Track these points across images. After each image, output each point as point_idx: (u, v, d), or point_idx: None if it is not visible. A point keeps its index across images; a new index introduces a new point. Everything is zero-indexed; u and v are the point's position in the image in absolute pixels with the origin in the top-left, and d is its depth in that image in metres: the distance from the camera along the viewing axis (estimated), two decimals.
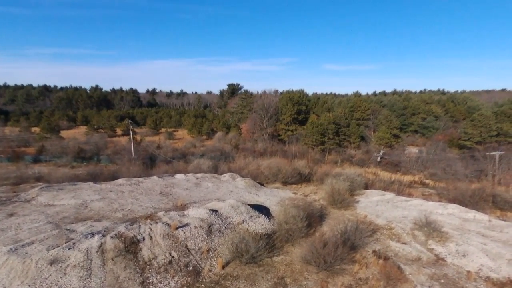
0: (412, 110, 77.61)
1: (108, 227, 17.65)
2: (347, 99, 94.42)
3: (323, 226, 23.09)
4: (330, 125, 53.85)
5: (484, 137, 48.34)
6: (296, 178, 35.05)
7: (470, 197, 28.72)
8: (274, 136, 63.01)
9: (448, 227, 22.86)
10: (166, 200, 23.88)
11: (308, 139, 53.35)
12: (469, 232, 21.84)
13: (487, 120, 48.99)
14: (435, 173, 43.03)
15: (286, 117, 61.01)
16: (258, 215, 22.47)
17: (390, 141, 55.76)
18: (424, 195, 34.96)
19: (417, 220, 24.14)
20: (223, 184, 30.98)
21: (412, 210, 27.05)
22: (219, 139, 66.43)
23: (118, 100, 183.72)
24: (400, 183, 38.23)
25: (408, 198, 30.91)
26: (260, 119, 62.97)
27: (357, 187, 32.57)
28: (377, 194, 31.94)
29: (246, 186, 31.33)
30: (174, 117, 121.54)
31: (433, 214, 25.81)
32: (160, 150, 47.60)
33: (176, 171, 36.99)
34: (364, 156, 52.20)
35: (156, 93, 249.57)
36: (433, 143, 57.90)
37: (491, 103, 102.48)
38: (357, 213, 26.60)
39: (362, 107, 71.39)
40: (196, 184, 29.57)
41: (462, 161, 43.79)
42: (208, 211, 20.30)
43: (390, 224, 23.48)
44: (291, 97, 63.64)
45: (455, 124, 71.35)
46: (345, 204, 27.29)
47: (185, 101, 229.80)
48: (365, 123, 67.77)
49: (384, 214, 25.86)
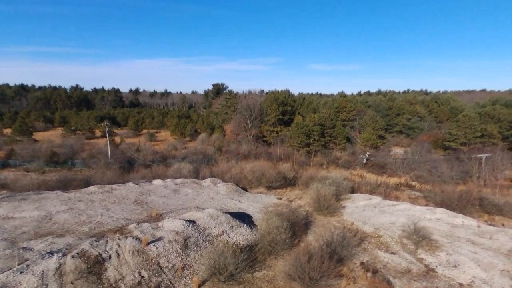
0: (396, 111, 77.88)
1: (71, 243, 15.96)
2: (333, 100, 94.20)
3: (308, 235, 21.94)
4: (315, 126, 53.04)
5: (468, 138, 48.51)
6: (280, 182, 33.92)
7: (457, 201, 28.22)
8: (259, 137, 61.83)
9: (437, 234, 22.14)
10: (140, 210, 22.24)
11: (293, 141, 52.38)
12: (459, 239, 21.13)
13: (472, 121, 49.21)
14: (421, 175, 42.79)
15: (271, 118, 59.91)
16: (240, 224, 21.13)
17: (375, 142, 55.46)
18: (411, 198, 34.46)
19: (405, 226, 23.36)
20: (203, 190, 29.50)
21: (400, 215, 26.30)
22: (202, 141, 64.71)
23: (99, 100, 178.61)
24: (386, 186, 37.68)
25: (395, 202, 30.22)
26: (245, 120, 61.65)
27: (343, 191, 31.69)
28: (363, 199, 31.15)
29: (228, 192, 29.95)
30: (156, 118, 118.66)
31: (421, 220, 25.13)
32: (139, 153, 45.66)
33: (155, 176, 35.24)
34: (350, 158, 51.65)
35: (139, 93, 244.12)
36: (418, 144, 57.93)
37: (473, 103, 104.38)
38: (343, 219, 25.63)
39: (347, 107, 71.08)
40: (174, 190, 27.99)
41: (447, 163, 43.71)
42: (184, 222, 18.82)
43: (378, 231, 22.56)
44: (275, 98, 62.56)
45: (439, 125, 71.97)
46: (331, 210, 26.27)
47: (169, 101, 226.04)
48: (351, 124, 67.46)
49: (372, 221, 24.98)
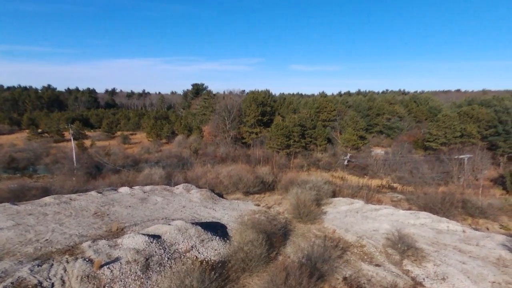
0: (377, 111, 77.94)
1: (7, 269, 13.61)
2: (313, 100, 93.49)
3: (287, 247, 20.29)
4: (295, 127, 51.76)
5: (448, 138, 48.52)
6: (259, 187, 32.25)
7: (440, 204, 27.41)
8: (238, 139, 59.98)
9: (423, 241, 21.02)
10: (100, 224, 19.92)
11: (272, 143, 50.87)
12: (445, 247, 20.04)
13: (451, 121, 49.28)
14: (402, 177, 42.25)
15: (250, 119, 58.18)
16: (211, 237, 19.23)
17: (356, 143, 54.77)
18: (394, 201, 33.55)
19: (389, 234, 22.17)
20: (175, 198, 27.39)
21: (383, 221, 25.15)
22: (179, 143, 62.18)
23: (72, 100, 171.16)
24: (368, 189, 36.72)
25: (378, 206, 29.15)
26: (223, 121, 59.66)
27: (324, 195, 30.38)
28: (345, 203, 29.93)
29: (202, 199, 27.97)
30: (132, 119, 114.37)
31: (405, 226, 24.08)
32: (109, 157, 42.84)
33: (123, 182, 32.75)
34: (331, 160, 50.68)
35: (116, 94, 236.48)
36: (399, 144, 57.77)
37: (449, 103, 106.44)
38: (324, 227, 24.18)
39: (328, 107, 70.35)
40: (142, 199, 25.73)
41: (428, 164, 43.40)
42: (147, 238, 16.75)
43: (361, 240, 21.19)
44: (255, 98, 60.90)
45: (418, 124, 72.52)
46: (311, 217, 24.79)
47: (148, 102, 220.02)
48: (331, 125, 66.68)
49: (354, 228, 23.66)
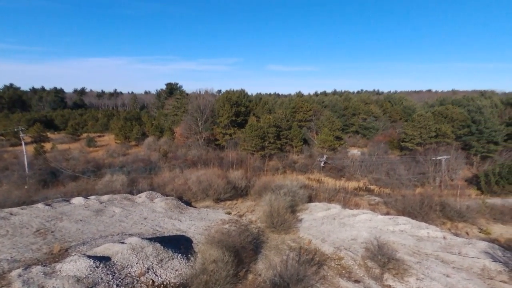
0: (352, 110, 77.87)
1: None
2: (289, 100, 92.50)
3: (258, 263, 18.41)
4: (270, 128, 50.13)
5: (424, 138, 48.54)
6: (230, 194, 30.28)
7: (419, 208, 26.50)
8: (211, 141, 57.65)
9: (403, 251, 19.74)
10: (40, 244, 17.24)
11: (247, 144, 48.97)
12: (427, 257, 18.81)
13: (427, 120, 49.33)
14: (379, 178, 41.57)
15: (223, 119, 55.99)
16: (172, 255, 17.05)
17: (333, 143, 53.84)
18: (371, 205, 32.56)
19: (368, 243, 20.83)
20: (136, 209, 24.87)
21: (361, 228, 23.83)
22: (149, 146, 59.06)
23: (36, 101, 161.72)
24: (345, 192, 35.58)
25: (355, 211, 27.92)
26: (195, 122, 57.12)
27: (300, 201, 28.83)
28: (321, 209, 28.51)
29: (166, 208, 25.62)
30: (101, 120, 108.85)
31: (384, 233, 22.86)
32: (68, 162, 39.38)
33: (80, 191, 29.83)
34: (307, 161, 49.45)
35: (85, 93, 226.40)
36: (374, 144, 57.51)
37: (422, 103, 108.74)
38: (300, 237, 22.54)
39: (304, 107, 69.33)
40: (97, 211, 23.05)
41: (404, 164, 43.01)
42: (92, 262, 14.32)
43: (339, 252, 19.62)
44: (228, 98, 58.74)
45: (393, 124, 73.02)
46: (286, 227, 23.09)
47: (119, 102, 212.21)
48: (308, 125, 65.63)
49: (331, 237, 22.15)
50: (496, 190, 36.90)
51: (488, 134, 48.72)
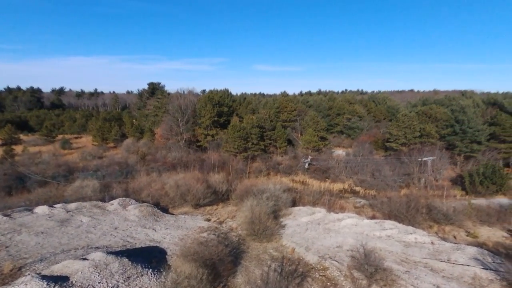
0: (337, 110, 77.48)
1: None
2: (273, 99, 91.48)
3: (237, 276, 17.10)
4: (253, 129, 48.85)
5: (408, 138, 48.29)
6: (210, 198, 28.82)
7: (406, 211, 25.75)
8: (192, 142, 55.89)
9: (391, 259, 18.82)
10: None
11: (229, 146, 47.54)
12: (416, 265, 17.92)
13: (411, 120, 49.11)
14: (364, 179, 40.93)
15: (205, 120, 54.35)
16: (142, 271, 15.54)
17: (317, 144, 53.05)
18: (357, 207, 31.75)
19: (354, 250, 19.85)
20: (106, 217, 23.10)
21: (347, 234, 22.87)
22: (127, 148, 56.75)
23: (10, 101, 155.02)
24: (330, 194, 34.70)
25: (340, 215, 26.97)
26: (176, 122, 55.24)
27: (283, 206, 27.67)
28: (306, 213, 27.44)
29: (140, 216, 23.94)
30: (79, 121, 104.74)
31: (371, 239, 21.95)
32: (37, 167, 36.94)
33: (47, 198, 27.76)
34: (292, 162, 48.44)
35: (63, 93, 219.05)
36: (359, 144, 57.06)
37: (405, 103, 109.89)
38: (282, 245, 21.33)
39: (288, 107, 68.40)
40: (62, 222, 21.19)
41: (389, 165, 42.55)
42: (46, 285, 12.73)
43: (323, 261, 18.50)
44: (210, 98, 57.15)
45: (377, 124, 72.99)
46: (268, 234, 21.84)
47: (100, 102, 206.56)
48: (292, 125, 64.70)
49: (316, 245, 21.05)
50: (481, 191, 36.80)
51: (472, 134, 49.02)
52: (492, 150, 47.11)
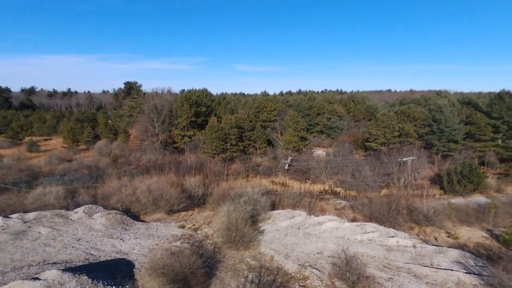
0: (317, 110, 77.28)
1: None
2: (253, 99, 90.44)
3: None
4: (232, 129, 47.58)
5: (388, 138, 48.39)
6: (185, 203, 27.37)
7: (387, 213, 25.25)
8: (168, 143, 53.99)
9: (373, 264, 18.10)
10: None
11: (207, 147, 46.06)
12: (399, 272, 17.24)
13: (390, 120, 49.25)
14: (345, 180, 40.52)
15: (182, 120, 52.56)
16: None
17: (297, 144, 52.38)
18: (337, 209, 31.12)
19: (335, 256, 19.03)
20: (69, 228, 21.28)
21: (328, 239, 22.05)
22: (100, 150, 54.13)
23: None
24: (310, 196, 33.94)
25: (321, 218, 26.19)
26: (151, 123, 53.16)
27: (262, 210, 26.62)
28: (285, 217, 26.49)
29: (108, 225, 22.25)
30: (49, 122, 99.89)
31: (352, 243, 21.22)
32: None
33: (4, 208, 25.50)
34: (271, 164, 47.53)
35: (34, 92, 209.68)
36: (339, 144, 56.90)
37: (383, 103, 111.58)
38: (261, 253, 20.26)
39: (268, 107, 67.55)
40: (17, 234, 19.26)
41: (369, 165, 42.38)
42: None
43: (303, 270, 17.56)
44: (187, 97, 55.40)
45: (357, 124, 73.32)
46: (245, 241, 20.73)
47: (74, 102, 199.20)
48: (272, 125, 63.88)
49: (296, 251, 20.08)
50: (458, 190, 37.10)
51: (449, 133, 49.74)
52: (468, 149, 47.90)
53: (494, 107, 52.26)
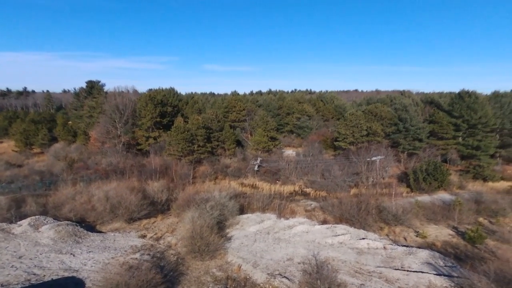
0: (287, 110, 77.08)
1: None
2: (222, 99, 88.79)
3: None
4: (199, 130, 45.86)
5: (356, 137, 48.74)
6: (147, 210, 25.54)
7: (357, 214, 24.92)
8: (132, 145, 51.27)
9: (345, 270, 17.49)
10: None
11: (172, 149, 44.07)
12: (370, 276, 16.74)
13: (358, 119, 49.66)
14: (315, 180, 40.18)
15: (146, 121, 50.05)
16: None
17: (267, 144, 51.58)
18: (308, 210, 30.54)
19: (306, 263, 18.25)
20: (10, 243, 18.97)
21: (298, 244, 21.29)
22: (56, 153, 50.36)
23: None
24: (280, 197, 33.10)
25: (291, 221, 25.49)
26: (113, 124, 50.15)
27: (230, 214, 25.42)
28: (254, 221, 25.47)
29: (57, 238, 20.11)
30: (0, 123, 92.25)
31: (323, 247, 20.59)
32: None
33: None
34: (241, 165, 46.35)
35: None
36: (309, 143, 56.78)
37: (351, 102, 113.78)
38: (228, 262, 19.07)
39: (237, 107, 66.26)
40: None
41: (339, 165, 42.35)
42: None
43: (273, 280, 16.65)
44: (152, 97, 52.92)
45: (326, 123, 73.86)
46: (211, 250, 19.47)
47: (30, 102, 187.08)
48: (241, 125, 62.70)
49: (264, 259, 19.08)
50: (424, 187, 37.89)
51: (414, 132, 51.04)
52: (432, 147, 49.37)
53: (455, 106, 54.25)
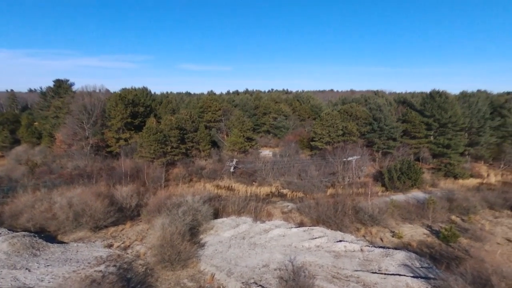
0: (263, 110, 76.70)
1: None
2: (197, 99, 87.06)
3: None
4: (172, 131, 44.38)
5: (332, 137, 48.90)
6: (114, 217, 24.07)
7: (334, 216, 24.63)
8: (101, 147, 48.90)
9: (322, 275, 17.01)
10: None
11: (144, 150, 42.38)
12: (348, 281, 16.37)
13: (334, 119, 49.84)
14: (291, 181, 39.77)
15: (116, 122, 47.91)
16: None
17: (243, 145, 50.80)
18: (284, 212, 30.02)
19: (282, 269, 17.62)
20: None
21: (274, 248, 20.63)
22: (17, 157, 47.28)
23: None
24: (257, 199, 32.35)
25: (267, 225, 24.87)
26: (80, 125, 47.62)
27: (203, 219, 24.42)
28: (229, 226, 24.61)
29: (11, 252, 18.43)
30: None
31: (300, 252, 20.04)
32: None
33: None
34: (216, 166, 45.24)
35: None
36: (285, 144, 56.54)
37: (327, 102, 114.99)
38: (200, 271, 18.13)
39: (213, 107, 65.00)
40: None
41: (315, 165, 42.20)
42: None
43: None
44: (122, 96, 50.76)
45: (302, 123, 74.03)
46: (183, 259, 18.48)
47: None
48: (217, 126, 61.53)
49: (239, 266, 18.29)
50: (399, 186, 38.40)
51: (388, 131, 51.89)
52: (405, 146, 50.37)
53: (426, 106, 55.66)
